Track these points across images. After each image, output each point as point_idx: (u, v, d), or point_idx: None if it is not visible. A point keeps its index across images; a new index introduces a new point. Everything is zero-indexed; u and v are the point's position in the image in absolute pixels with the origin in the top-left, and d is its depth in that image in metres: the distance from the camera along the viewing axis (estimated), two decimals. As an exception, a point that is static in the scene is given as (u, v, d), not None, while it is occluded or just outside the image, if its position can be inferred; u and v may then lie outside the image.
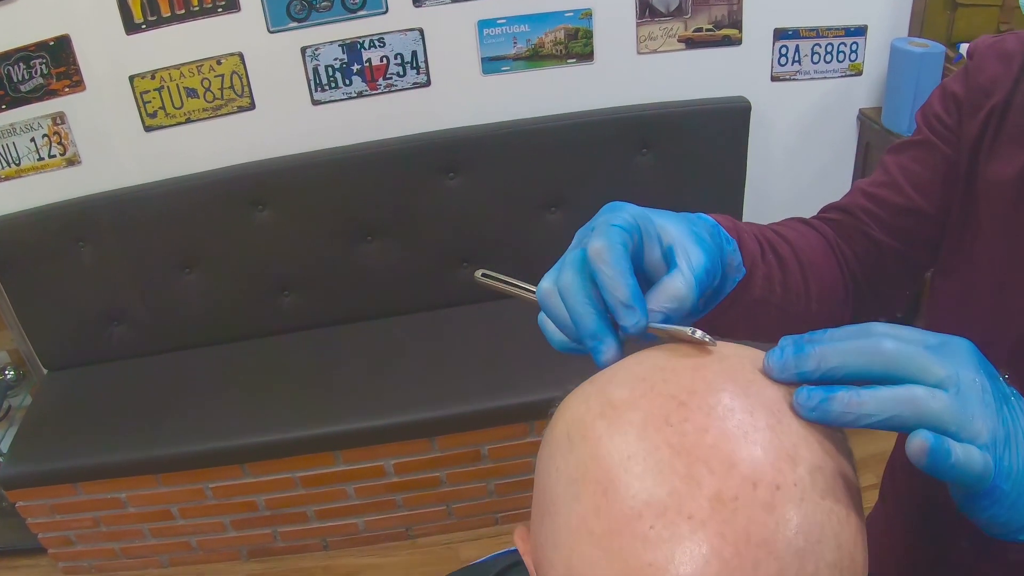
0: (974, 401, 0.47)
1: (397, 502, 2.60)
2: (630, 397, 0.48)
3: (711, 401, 0.46)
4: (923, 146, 0.92)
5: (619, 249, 0.56)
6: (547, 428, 0.54)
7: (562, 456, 0.49)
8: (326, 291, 2.74)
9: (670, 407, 0.46)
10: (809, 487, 0.44)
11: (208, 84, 2.43)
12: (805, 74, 2.69)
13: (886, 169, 0.95)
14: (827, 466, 0.46)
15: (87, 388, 2.64)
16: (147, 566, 2.67)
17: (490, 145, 2.59)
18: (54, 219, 2.50)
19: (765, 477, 0.43)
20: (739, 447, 0.44)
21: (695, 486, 0.43)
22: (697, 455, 0.44)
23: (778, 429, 0.45)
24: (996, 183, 0.83)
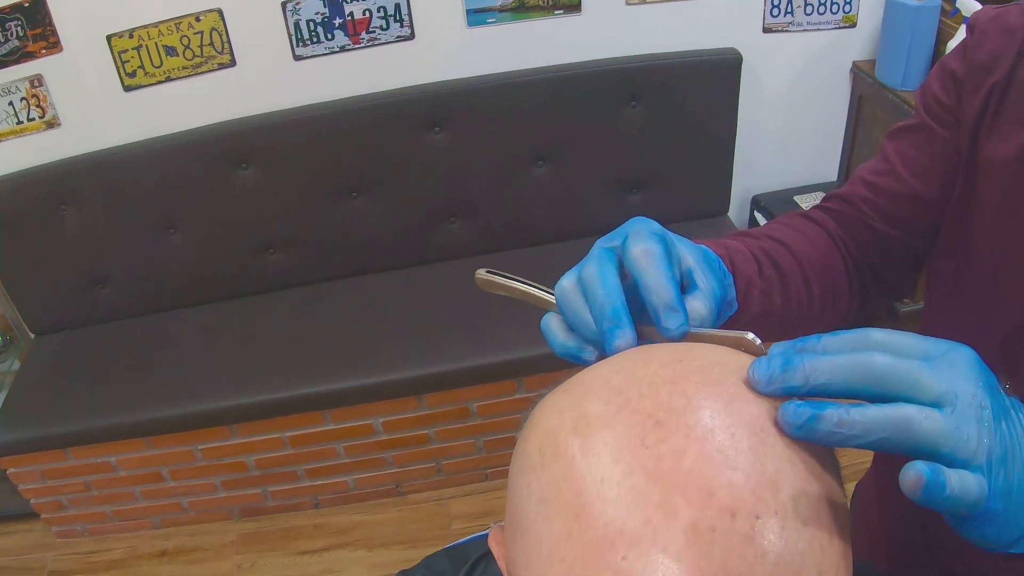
0: (971, 419, 0.44)
1: (387, 460, 2.60)
2: (605, 412, 0.46)
3: (690, 421, 0.44)
4: (921, 131, 0.89)
5: (663, 253, 0.57)
6: (520, 437, 0.52)
7: (534, 473, 0.47)
8: (311, 249, 2.71)
9: (647, 426, 0.44)
10: (791, 514, 0.42)
11: (187, 42, 2.39)
12: (798, 25, 2.64)
13: (885, 156, 0.92)
14: (811, 489, 0.44)
15: (75, 351, 2.63)
16: (140, 527, 2.69)
17: (476, 99, 2.55)
18: (35, 183, 2.47)
19: (744, 506, 0.41)
20: (718, 473, 0.42)
21: (671, 516, 0.41)
22: (673, 481, 0.42)
23: (760, 451, 0.43)
24: (996, 163, 0.80)
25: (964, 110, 0.83)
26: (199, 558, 2.61)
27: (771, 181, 2.92)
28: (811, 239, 0.89)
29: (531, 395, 2.47)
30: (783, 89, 2.75)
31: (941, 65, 0.87)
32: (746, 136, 2.76)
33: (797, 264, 0.85)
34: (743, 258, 0.80)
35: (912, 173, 0.89)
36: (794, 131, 2.85)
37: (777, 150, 2.88)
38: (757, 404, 0.45)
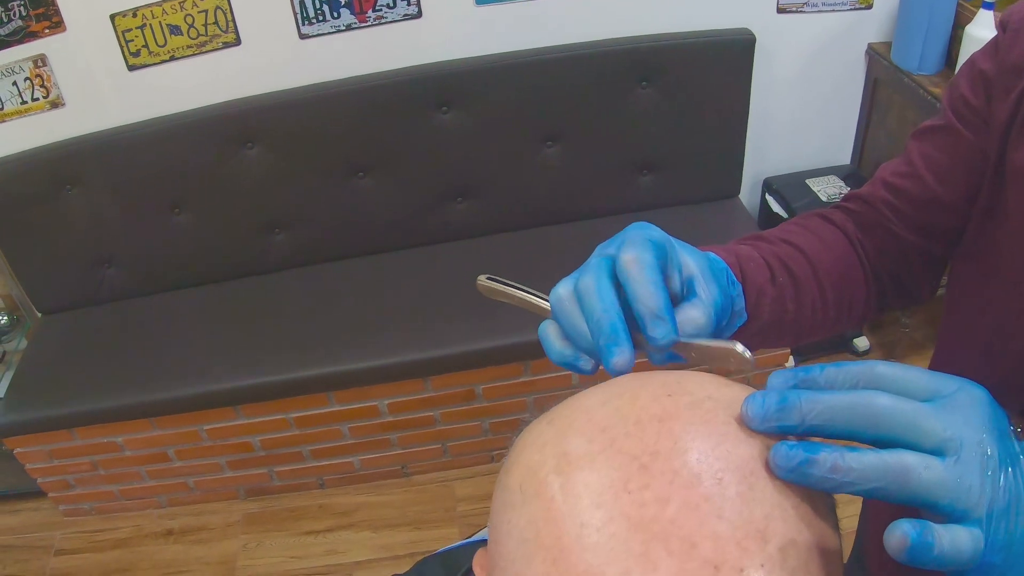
0: (974, 469, 0.42)
1: (392, 441, 2.60)
2: (588, 452, 0.44)
3: (675, 465, 0.42)
4: (947, 132, 0.84)
5: (653, 262, 0.55)
6: (502, 470, 0.51)
7: (515, 510, 0.46)
8: (317, 229, 2.70)
9: (631, 470, 0.42)
10: (778, 567, 0.40)
11: (192, 20, 2.36)
12: (813, 6, 2.59)
13: (908, 158, 0.88)
14: (801, 538, 0.42)
15: (81, 331, 2.63)
16: (146, 507, 2.70)
17: (484, 78, 2.51)
18: (40, 163, 2.46)
19: (728, 559, 0.39)
20: (702, 523, 0.40)
21: (650, 568, 0.39)
22: (655, 531, 0.40)
23: (749, 497, 0.41)
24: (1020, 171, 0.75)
25: (993, 113, 0.79)
26: (204, 537, 2.62)
27: (783, 164, 2.88)
28: (828, 243, 0.86)
29: (538, 378, 2.47)
30: (797, 71, 2.71)
31: (971, 64, 0.82)
32: (758, 118, 2.71)
33: (812, 270, 0.83)
34: (754, 265, 0.78)
35: (935, 177, 0.85)
36: (807, 114, 2.80)
37: (790, 133, 2.83)
38: (747, 445, 0.44)
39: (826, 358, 2.83)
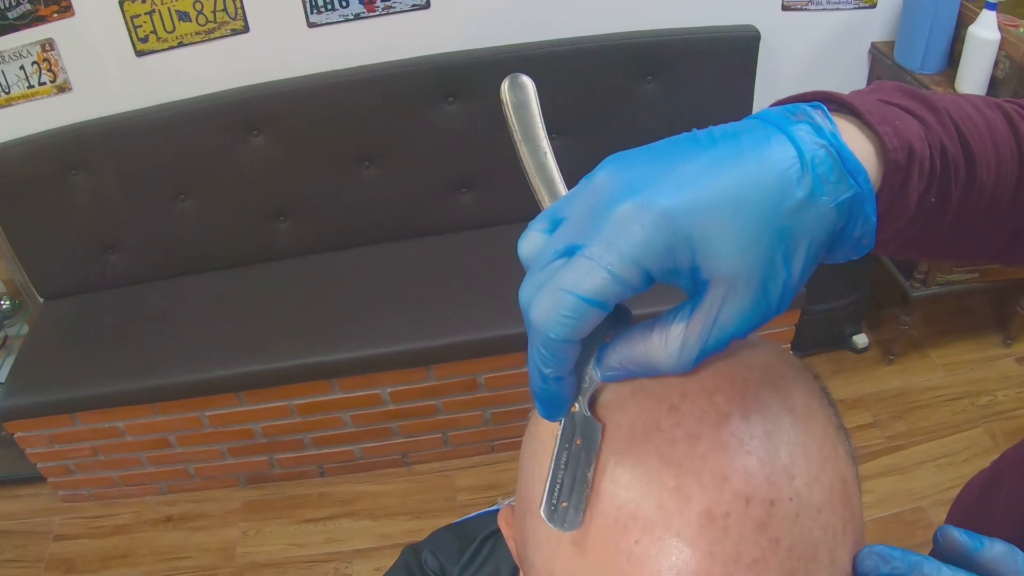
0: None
1: (393, 430, 2.61)
2: (618, 396, 0.45)
3: (704, 405, 0.43)
4: None
5: (562, 348, 0.40)
6: (531, 420, 0.52)
7: (547, 456, 0.46)
8: (322, 217, 2.70)
9: (661, 410, 0.43)
10: (805, 501, 0.41)
11: (200, 7, 2.36)
12: (817, 4, 2.61)
13: None
14: (825, 475, 0.43)
15: (83, 317, 2.63)
16: (146, 493, 2.70)
17: (490, 70, 2.52)
18: (46, 147, 2.45)
19: (759, 492, 0.40)
20: (732, 458, 0.41)
21: (684, 501, 0.40)
22: (687, 467, 0.41)
23: (775, 436, 0.42)
24: None
25: None
26: (204, 524, 2.62)
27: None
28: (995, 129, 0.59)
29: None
30: (801, 68, 2.73)
31: None
32: (761, 115, 2.73)
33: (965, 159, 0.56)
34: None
35: None
36: (810, 110, 2.82)
37: (792, 129, 2.85)
38: (772, 390, 0.45)
39: (825, 355, 2.85)
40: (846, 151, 0.41)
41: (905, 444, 2.57)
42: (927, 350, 2.84)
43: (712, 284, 0.39)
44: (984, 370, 2.74)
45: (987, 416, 2.58)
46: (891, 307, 2.89)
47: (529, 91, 0.53)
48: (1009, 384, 2.67)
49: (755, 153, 0.39)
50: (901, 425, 2.62)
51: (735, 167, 0.39)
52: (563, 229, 0.42)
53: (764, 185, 0.39)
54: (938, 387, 2.70)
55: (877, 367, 2.83)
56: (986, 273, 2.56)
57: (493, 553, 0.91)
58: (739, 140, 0.40)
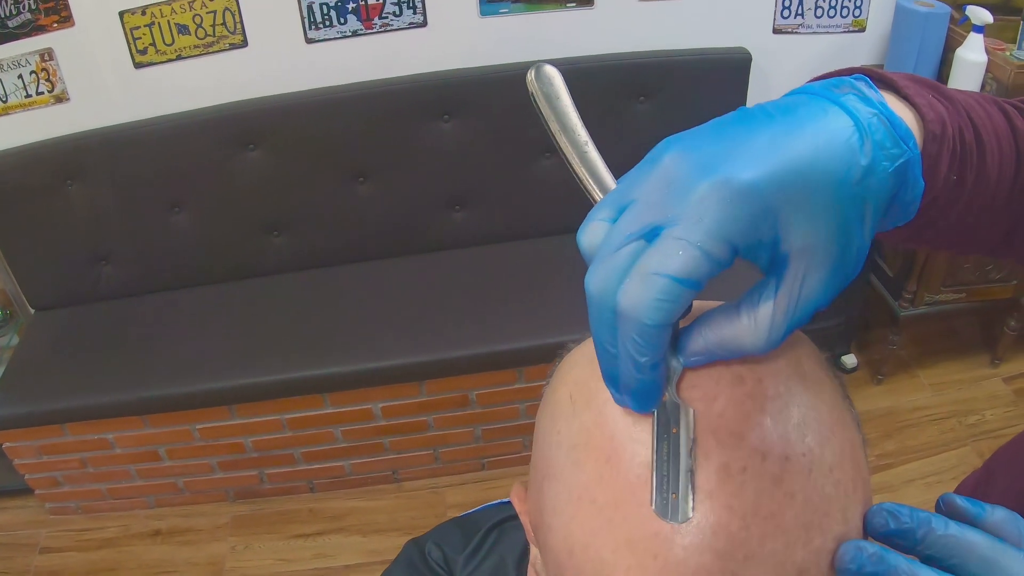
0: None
1: (384, 446, 2.60)
2: None
3: (720, 368, 0.44)
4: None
5: (658, 333, 0.40)
6: (547, 388, 0.53)
7: (564, 420, 0.48)
8: (316, 232, 2.71)
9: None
10: (818, 459, 0.42)
11: (200, 20, 2.38)
12: (807, 28, 2.65)
13: None
14: (836, 437, 0.44)
15: (75, 328, 2.62)
16: (134, 507, 2.68)
17: (486, 88, 2.55)
18: (42, 157, 2.46)
19: (774, 449, 0.41)
20: (748, 417, 0.42)
21: (703, 456, 0.41)
22: (705, 425, 0.42)
23: (787, 398, 0.43)
24: None
25: None
26: (192, 539, 2.60)
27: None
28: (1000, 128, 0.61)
29: (531, 385, 2.48)
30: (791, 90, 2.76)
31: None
32: (752, 136, 2.76)
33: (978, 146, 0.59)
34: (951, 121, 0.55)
35: None
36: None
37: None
38: (784, 357, 0.46)
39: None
40: (895, 118, 0.42)
41: (894, 463, 2.58)
42: (915, 370, 2.87)
43: (793, 256, 0.40)
44: (972, 390, 2.76)
45: (975, 435, 2.60)
46: (879, 328, 2.91)
47: (557, 81, 0.53)
48: (997, 404, 2.69)
49: (817, 124, 0.40)
50: (890, 444, 2.64)
51: (802, 139, 0.40)
52: (634, 213, 0.41)
53: (833, 154, 0.39)
54: (926, 407, 2.72)
55: (866, 387, 2.85)
56: (973, 293, 2.59)
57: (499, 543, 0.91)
58: (797, 113, 0.41)
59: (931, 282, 2.57)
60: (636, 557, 0.41)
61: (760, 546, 0.40)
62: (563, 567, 0.45)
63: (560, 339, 0.54)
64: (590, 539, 0.43)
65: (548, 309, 2.41)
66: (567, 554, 0.45)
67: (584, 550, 0.43)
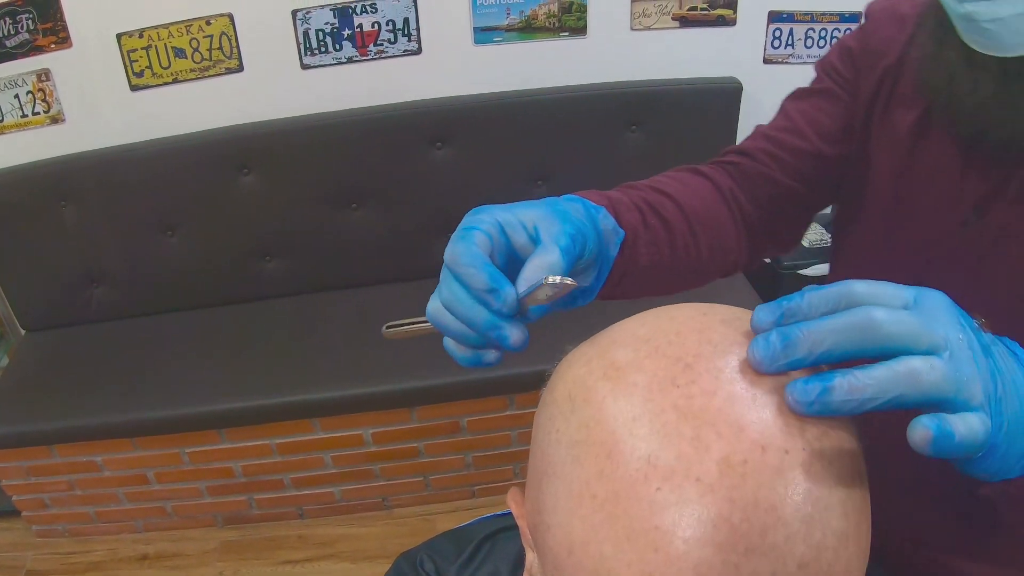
0: (965, 362, 0.44)
1: (374, 472, 2.59)
2: (634, 359, 0.47)
3: (719, 364, 0.45)
4: (825, 94, 0.95)
5: (471, 248, 0.58)
6: (545, 390, 0.53)
7: (563, 418, 0.48)
8: (309, 258, 2.72)
9: (676, 369, 0.45)
10: (818, 452, 0.43)
11: (196, 44, 2.40)
12: (798, 58, 2.68)
13: (788, 115, 0.97)
14: (832, 431, 0.45)
15: (65, 350, 2.61)
16: (121, 531, 2.65)
17: (479, 116, 2.57)
18: (36, 177, 2.47)
19: (774, 441, 0.42)
20: (748, 410, 0.43)
21: (703, 450, 0.42)
22: (705, 418, 0.43)
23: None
24: (889, 140, 0.88)
25: (860, 85, 0.92)
26: (180, 564, 2.57)
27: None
28: (695, 191, 0.92)
29: (523, 412, 2.48)
30: (782, 120, 2.79)
31: (841, 43, 0.95)
32: (744, 165, 2.78)
33: (683, 216, 0.87)
34: (625, 207, 0.83)
35: (815, 131, 0.94)
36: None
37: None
38: None
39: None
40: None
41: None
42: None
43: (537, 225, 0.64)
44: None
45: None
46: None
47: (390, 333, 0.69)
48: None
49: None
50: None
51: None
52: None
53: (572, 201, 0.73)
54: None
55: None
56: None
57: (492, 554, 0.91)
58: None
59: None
60: (637, 551, 0.41)
61: (761, 539, 0.40)
62: (562, 566, 0.46)
63: (553, 366, 0.56)
64: (590, 535, 0.43)
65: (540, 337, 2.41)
66: (567, 552, 0.45)
67: (584, 547, 0.44)
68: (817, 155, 0.94)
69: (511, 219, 0.62)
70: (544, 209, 0.64)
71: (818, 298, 0.45)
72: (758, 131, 0.99)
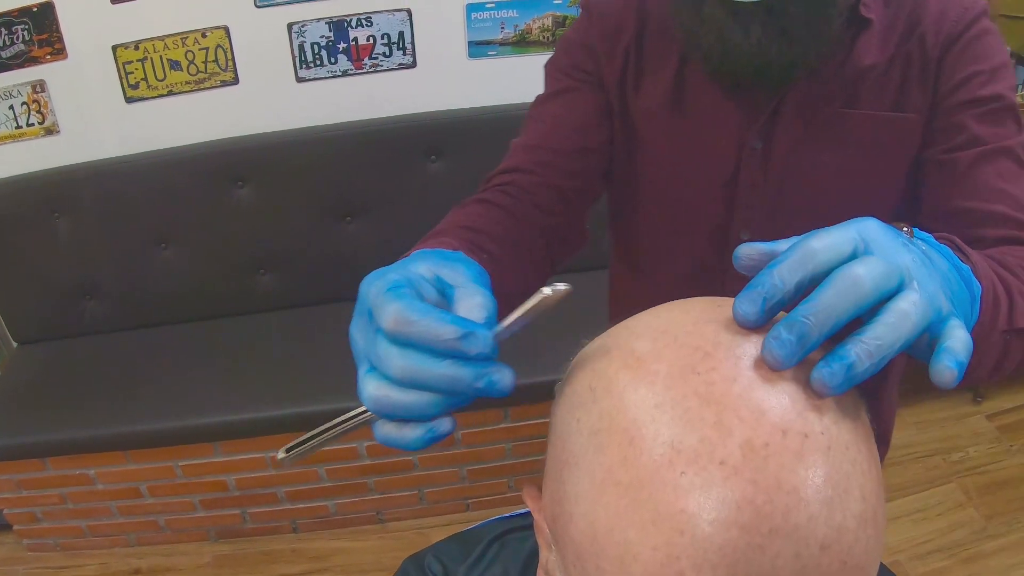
0: (927, 279, 0.47)
1: (369, 485, 2.58)
2: (653, 348, 0.47)
3: (736, 352, 0.45)
4: (569, 93, 1.01)
5: (415, 302, 0.50)
6: (562, 384, 0.54)
7: (584, 408, 0.49)
8: (303, 271, 2.71)
9: (696, 358, 0.46)
10: (835, 437, 0.44)
11: (192, 57, 2.41)
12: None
13: (542, 120, 1.03)
14: (848, 417, 0.45)
15: (58, 362, 2.60)
16: (114, 545, 2.63)
17: (474, 130, 2.58)
18: (30, 189, 2.46)
19: (794, 426, 0.43)
20: (767, 396, 0.43)
21: (726, 433, 0.42)
22: (726, 403, 0.43)
23: (803, 381, 0.45)
24: (648, 106, 0.98)
25: (604, 72, 0.99)
26: (173, 579, 2.56)
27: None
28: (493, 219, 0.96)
29: (517, 425, 2.48)
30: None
31: (570, 41, 1.02)
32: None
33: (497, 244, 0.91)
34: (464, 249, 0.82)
35: (574, 128, 1.01)
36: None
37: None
38: None
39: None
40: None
41: (880, 501, 2.57)
42: (899, 409, 2.87)
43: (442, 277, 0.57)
44: (955, 427, 2.78)
45: (959, 472, 2.61)
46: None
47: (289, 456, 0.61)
48: (980, 440, 2.71)
49: None
50: (875, 483, 2.63)
51: None
52: None
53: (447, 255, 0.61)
54: (910, 444, 2.73)
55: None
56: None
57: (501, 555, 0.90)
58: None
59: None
60: (663, 535, 0.42)
61: (784, 520, 0.41)
62: (585, 556, 0.46)
63: (547, 378, 0.56)
64: (614, 521, 0.44)
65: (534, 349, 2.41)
66: (590, 540, 0.45)
67: (608, 533, 0.44)
68: (583, 149, 1.01)
69: (411, 276, 0.55)
70: (431, 260, 0.57)
71: (787, 271, 0.45)
72: (516, 146, 1.04)
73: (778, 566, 0.41)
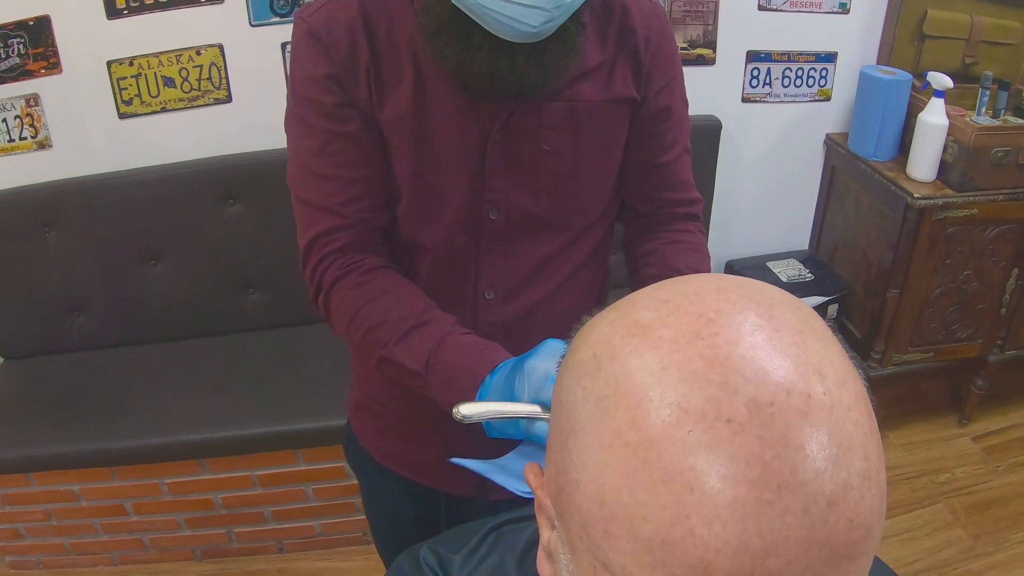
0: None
1: (356, 505, 2.56)
2: (657, 316, 0.48)
3: (739, 318, 0.47)
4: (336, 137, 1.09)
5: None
6: (567, 356, 0.54)
7: (590, 376, 0.49)
8: (292, 290, 2.70)
9: (699, 324, 0.47)
10: (837, 398, 0.45)
11: (186, 74, 2.43)
12: (775, 97, 2.76)
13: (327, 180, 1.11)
14: (849, 380, 0.46)
15: (44, 378, 2.58)
16: (97, 563, 2.60)
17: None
18: (20, 203, 2.46)
19: (797, 386, 0.44)
20: (770, 358, 0.44)
21: (732, 392, 0.43)
22: (730, 365, 0.44)
23: (803, 346, 0.46)
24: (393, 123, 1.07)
25: (356, 98, 1.07)
26: (156, 599, 2.52)
27: (745, 247, 3.00)
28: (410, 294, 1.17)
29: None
30: (759, 157, 2.85)
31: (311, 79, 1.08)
32: (722, 201, 2.84)
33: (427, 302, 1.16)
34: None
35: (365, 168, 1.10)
36: (769, 198, 2.94)
37: (752, 216, 2.96)
38: (794, 314, 0.48)
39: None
40: None
41: (867, 522, 2.58)
42: (885, 432, 2.89)
43: None
44: (941, 449, 2.79)
45: (946, 492, 2.62)
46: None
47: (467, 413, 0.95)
48: (966, 461, 2.72)
49: None
50: (862, 504, 2.63)
51: None
52: None
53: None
54: (897, 466, 2.74)
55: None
56: (940, 352, 2.65)
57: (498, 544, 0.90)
58: None
59: (899, 342, 2.62)
60: (673, 493, 0.42)
61: (792, 475, 0.42)
62: (592, 522, 0.47)
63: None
64: (623, 482, 0.44)
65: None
66: (599, 504, 0.46)
67: (617, 495, 0.45)
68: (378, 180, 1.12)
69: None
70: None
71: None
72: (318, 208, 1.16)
73: (787, 522, 0.41)
